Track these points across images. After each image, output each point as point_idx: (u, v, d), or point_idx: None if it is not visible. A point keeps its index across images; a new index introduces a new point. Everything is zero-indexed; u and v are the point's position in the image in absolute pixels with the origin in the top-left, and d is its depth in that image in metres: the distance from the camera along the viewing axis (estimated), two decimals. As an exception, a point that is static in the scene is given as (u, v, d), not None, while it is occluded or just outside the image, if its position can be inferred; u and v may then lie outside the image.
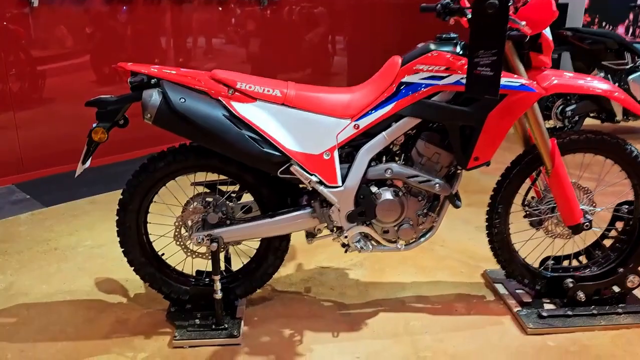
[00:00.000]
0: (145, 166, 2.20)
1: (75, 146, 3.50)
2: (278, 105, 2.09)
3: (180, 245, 2.30)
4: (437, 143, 2.17)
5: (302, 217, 2.20)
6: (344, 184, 2.14)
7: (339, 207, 2.16)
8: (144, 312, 2.45)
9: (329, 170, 2.12)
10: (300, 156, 2.09)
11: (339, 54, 6.66)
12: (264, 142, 2.05)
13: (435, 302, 2.54)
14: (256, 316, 2.42)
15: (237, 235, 2.21)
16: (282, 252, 2.35)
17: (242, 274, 2.39)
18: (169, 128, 2.04)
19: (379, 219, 2.18)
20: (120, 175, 4.04)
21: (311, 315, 2.43)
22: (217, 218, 2.20)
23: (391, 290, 2.64)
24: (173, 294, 2.35)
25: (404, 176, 2.15)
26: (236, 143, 2.02)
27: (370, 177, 2.16)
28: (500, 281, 2.65)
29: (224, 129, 2.01)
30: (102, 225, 3.33)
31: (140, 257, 2.30)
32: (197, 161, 2.19)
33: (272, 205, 2.25)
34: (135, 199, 2.22)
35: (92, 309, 2.48)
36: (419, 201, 2.22)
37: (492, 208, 2.37)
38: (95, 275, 2.77)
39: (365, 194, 2.16)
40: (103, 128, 2.07)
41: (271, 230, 2.21)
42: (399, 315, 2.43)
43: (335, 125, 2.12)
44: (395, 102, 2.11)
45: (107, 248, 3.05)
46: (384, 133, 2.13)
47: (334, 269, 2.83)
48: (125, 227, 2.25)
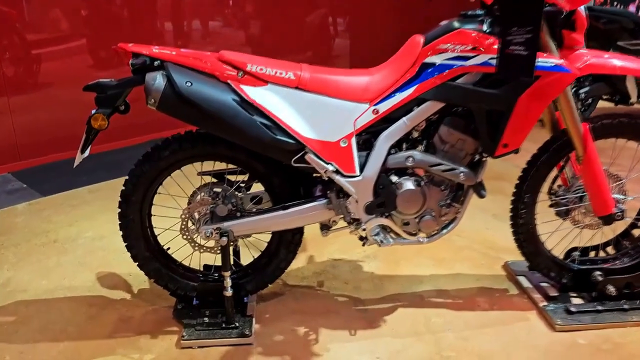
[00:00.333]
0: (148, 155, 2.06)
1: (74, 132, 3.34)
2: (291, 88, 1.94)
3: (187, 239, 2.16)
4: (462, 129, 2.02)
5: (317, 208, 2.06)
6: (362, 173, 2.00)
7: (356, 198, 2.02)
8: (149, 309, 2.32)
9: (346, 158, 1.97)
10: (315, 144, 1.94)
11: (340, 35, 6.46)
12: (277, 129, 1.90)
13: (456, 297, 2.41)
14: (268, 313, 2.29)
15: (248, 228, 2.07)
16: (295, 246, 2.21)
17: (253, 269, 2.25)
18: (174, 114, 1.89)
19: (400, 210, 2.04)
20: (121, 163, 3.88)
21: (326, 311, 2.30)
22: (227, 210, 2.06)
23: (408, 283, 2.51)
24: (180, 291, 2.22)
25: (426, 164, 2.01)
26: (247, 130, 1.87)
27: (390, 166, 2.02)
28: (522, 273, 2.51)
29: (233, 114, 1.86)
30: (103, 215, 3.19)
31: (144, 251, 2.16)
32: (204, 149, 2.04)
33: (285, 196, 2.10)
34: (139, 190, 2.08)
35: (94, 306, 2.34)
36: (442, 191, 2.08)
37: (518, 197, 2.23)
38: (97, 270, 2.64)
39: (385, 183, 2.01)
40: (103, 114, 1.92)
41: (284, 223, 2.07)
42: (419, 311, 2.30)
43: (352, 110, 1.96)
44: (417, 85, 1.95)
45: (108, 240, 2.91)
46: (404, 118, 1.98)
47: (347, 262, 2.70)
48: (128, 220, 2.11)
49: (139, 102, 1.97)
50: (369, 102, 1.97)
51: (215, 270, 2.29)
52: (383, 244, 2.03)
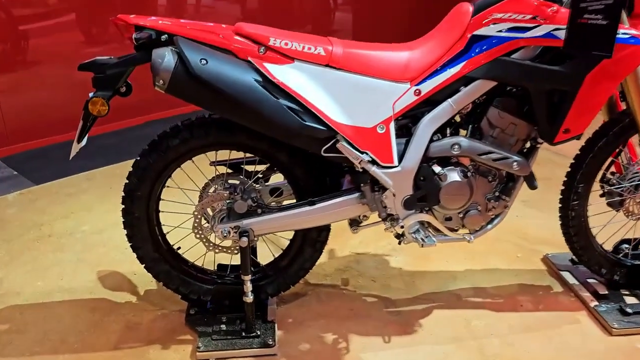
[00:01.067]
0: (156, 144, 1.80)
1: (67, 114, 3.07)
2: (322, 66, 1.68)
3: (201, 238, 1.92)
4: (515, 111, 1.77)
5: (349, 204, 1.82)
6: (400, 164, 1.75)
7: (394, 192, 1.78)
8: (158, 315, 2.09)
9: (383, 146, 1.73)
10: (348, 130, 1.69)
11: (341, 8, 6.12)
12: (306, 114, 1.64)
13: (495, 296, 2.19)
14: (290, 317, 2.06)
15: (271, 226, 1.83)
16: (321, 244, 1.97)
17: (274, 270, 2.02)
18: (186, 97, 1.63)
19: (443, 205, 1.80)
20: (119, 146, 3.62)
21: (354, 314, 2.08)
22: (246, 206, 1.81)
23: (442, 281, 2.28)
24: (192, 295, 1.98)
25: (474, 153, 1.76)
26: (272, 115, 1.62)
27: (432, 155, 1.77)
28: (566, 268, 2.30)
29: (256, 98, 1.60)
30: (102, 205, 2.94)
31: (152, 252, 1.92)
32: (219, 138, 1.79)
33: (310, 189, 1.86)
34: (145, 184, 1.83)
35: (97, 311, 2.11)
36: (489, 182, 1.84)
37: (570, 187, 1.99)
38: (98, 268, 2.39)
39: (427, 175, 1.77)
40: (102, 98, 1.65)
41: (312, 220, 1.83)
42: (457, 313, 2.08)
43: (391, 91, 1.71)
44: (465, 61, 1.70)
45: (108, 233, 2.66)
46: (450, 100, 1.73)
47: (371, 256, 2.47)
48: (134, 217, 1.86)
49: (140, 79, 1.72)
50: (409, 81, 1.72)
51: (231, 270, 2.05)
52: (425, 244, 1.80)
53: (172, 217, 1.98)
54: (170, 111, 4.09)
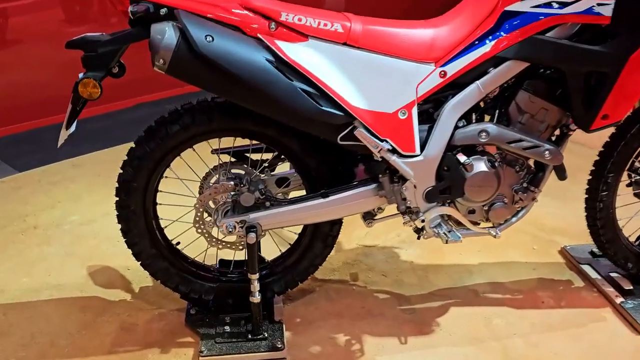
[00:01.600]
0: (153, 131, 1.63)
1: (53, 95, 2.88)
2: (339, 45, 1.51)
3: (202, 232, 1.76)
4: (546, 95, 1.63)
5: (365, 196, 1.67)
6: (423, 152, 1.60)
7: (415, 183, 1.63)
8: (155, 314, 1.93)
9: (405, 133, 1.58)
10: (368, 116, 1.53)
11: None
12: (322, 97, 1.48)
13: (515, 291, 2.07)
14: (298, 317, 1.92)
15: (280, 221, 1.68)
16: (333, 239, 1.83)
17: (281, 267, 1.87)
18: (189, 78, 1.47)
19: (468, 197, 1.66)
20: (109, 131, 3.42)
21: (367, 313, 1.94)
22: (253, 199, 1.66)
23: (457, 275, 2.15)
24: (193, 294, 1.83)
25: (504, 141, 1.62)
26: (284, 99, 1.46)
27: (457, 143, 1.63)
28: (586, 261, 2.18)
29: (267, 79, 1.44)
30: (91, 194, 2.76)
31: (150, 248, 1.76)
32: (223, 123, 1.63)
33: (322, 179, 1.70)
34: (141, 174, 1.66)
35: (88, 311, 1.95)
36: (517, 172, 1.71)
37: (599, 177, 1.86)
38: (88, 262, 2.23)
39: (451, 165, 1.63)
40: (94, 80, 1.48)
41: (325, 214, 1.68)
42: (476, 310, 1.96)
43: (415, 73, 1.55)
44: (495, 40, 1.55)
45: (98, 224, 2.49)
46: (478, 83, 1.58)
47: (380, 248, 2.33)
48: (129, 211, 1.70)
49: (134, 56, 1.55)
50: (434, 62, 1.56)
51: (235, 266, 1.90)
52: (450, 240, 1.65)
53: (170, 209, 1.82)
54: (162, 93, 3.90)
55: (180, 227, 1.84)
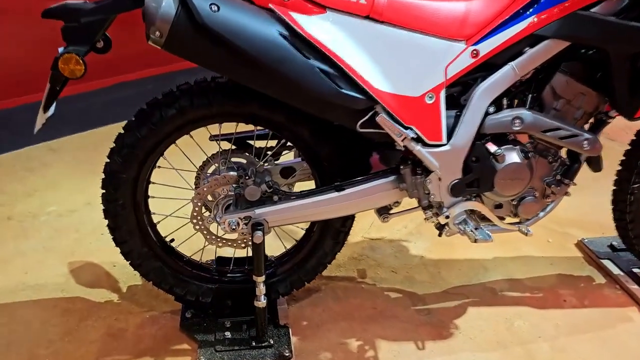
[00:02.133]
0: (145, 115, 1.43)
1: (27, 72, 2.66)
2: (361, 18, 1.33)
3: (200, 229, 1.58)
4: (585, 79, 1.47)
5: (384, 189, 1.51)
6: (449, 141, 1.44)
7: (440, 175, 1.47)
8: (146, 318, 1.75)
9: (431, 120, 1.41)
10: (391, 100, 1.36)
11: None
12: (342, 78, 1.30)
13: (534, 289, 1.93)
14: (305, 319, 1.76)
15: (290, 217, 1.50)
16: (344, 235, 1.67)
17: (287, 265, 1.69)
18: (189, 54, 1.27)
19: (497, 191, 1.50)
20: (88, 112, 3.18)
21: (379, 315, 1.79)
22: (260, 192, 1.47)
23: (471, 271, 2.01)
24: (189, 296, 1.65)
25: (539, 129, 1.46)
26: (299, 80, 1.27)
27: (487, 131, 1.46)
28: (606, 256, 2.05)
29: (281, 56, 1.25)
30: (70, 181, 2.54)
31: (141, 246, 1.58)
32: (225, 107, 1.44)
33: (336, 170, 1.53)
34: (132, 164, 1.47)
35: (71, 314, 1.76)
36: (549, 164, 1.55)
37: (631, 168, 1.73)
38: (69, 258, 2.03)
39: (481, 155, 1.46)
40: (76, 55, 1.27)
41: (339, 209, 1.51)
42: (495, 311, 1.82)
43: (444, 52, 1.38)
44: (533, 16, 1.38)
45: (80, 215, 2.28)
46: (513, 64, 1.41)
47: (387, 242, 2.17)
48: (117, 205, 1.50)
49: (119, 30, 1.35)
50: (465, 39, 1.39)
51: (235, 264, 1.72)
52: (479, 239, 1.49)
53: (163, 203, 1.63)
54: (144, 71, 3.66)
55: (174, 222, 1.66)
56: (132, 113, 1.44)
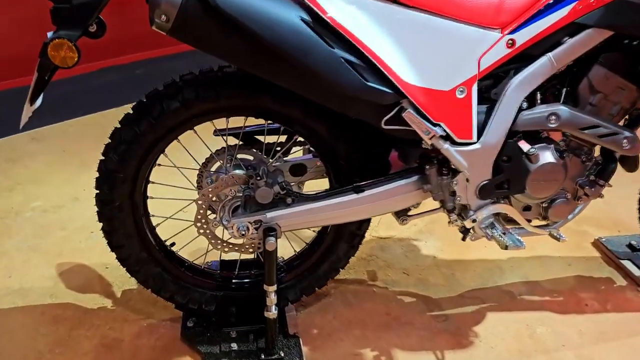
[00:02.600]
0: (145, 108, 1.29)
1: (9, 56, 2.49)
2: (388, 3, 1.19)
3: (205, 233, 1.44)
4: (624, 72, 1.36)
5: (407, 190, 1.39)
6: (480, 139, 1.32)
7: (468, 176, 1.35)
8: (144, 326, 1.62)
9: (461, 116, 1.28)
10: (420, 94, 1.23)
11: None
12: (368, 70, 1.17)
13: (553, 292, 1.83)
14: (315, 327, 1.64)
15: (305, 221, 1.37)
16: (360, 239, 1.55)
17: (297, 270, 1.57)
18: (199, 41, 1.13)
19: (529, 193, 1.39)
20: (72, 99, 3.00)
21: (393, 321, 1.68)
22: (272, 194, 1.34)
23: (486, 273, 1.91)
24: (192, 304, 1.53)
25: (576, 126, 1.35)
26: (322, 71, 1.14)
27: (520, 128, 1.34)
28: (625, 256, 1.96)
29: (302, 45, 1.11)
30: (56, 174, 2.38)
31: (139, 251, 1.44)
32: (234, 100, 1.30)
33: (353, 168, 1.40)
34: (130, 162, 1.33)
35: (61, 323, 1.62)
36: (583, 163, 1.44)
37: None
38: (57, 260, 1.88)
39: (514, 154, 1.35)
40: (68, 40, 1.12)
41: (359, 212, 1.38)
42: (515, 317, 1.72)
43: (478, 41, 1.25)
44: (574, 3, 1.26)
45: (68, 211, 2.13)
46: (550, 55, 1.29)
47: (397, 241, 2.06)
48: (113, 207, 1.36)
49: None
50: (500, 28, 1.26)
51: (242, 267, 1.60)
52: (510, 246, 1.38)
53: (163, 204, 1.50)
54: (132, 56, 3.48)
55: (175, 224, 1.52)
56: (120, 99, 1.32)
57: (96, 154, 1.37)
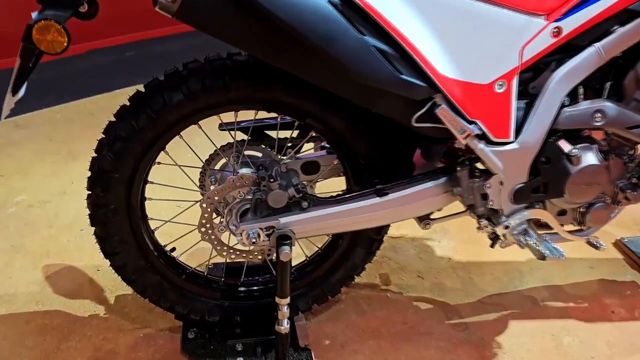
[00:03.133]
0: (144, 100, 1.14)
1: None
2: (423, -16, 1.05)
3: (210, 239, 1.30)
4: (675, 66, 1.23)
5: (434, 193, 1.26)
6: (517, 138, 1.19)
7: (502, 179, 1.22)
8: (139, 337, 1.48)
9: (500, 113, 1.15)
10: (456, 88, 1.09)
11: None
12: (402, 61, 1.03)
13: (577, 298, 1.72)
14: (326, 338, 1.52)
15: (322, 228, 1.24)
16: (378, 244, 1.42)
17: (309, 278, 1.44)
18: (208, 24, 0.99)
19: (568, 197, 1.27)
20: (58, 83, 2.83)
21: (410, 331, 1.56)
22: (286, 197, 1.20)
23: (505, 276, 1.79)
24: (194, 315, 1.39)
25: (623, 125, 1.22)
26: (351, 61, 1.00)
27: (560, 126, 1.22)
28: (650, 258, 1.86)
29: (329, 30, 0.97)
30: (42, 165, 2.22)
31: (136, 259, 1.30)
32: (245, 92, 1.15)
33: (373, 168, 1.27)
34: (126, 161, 1.18)
35: (49, 333, 1.48)
36: (624, 165, 1.32)
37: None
38: (44, 261, 1.74)
39: (554, 155, 1.22)
40: (57, 22, 0.96)
41: (382, 217, 1.25)
42: (539, 325, 1.61)
43: (521, 29, 1.12)
44: (628, -12, 1.13)
45: (55, 206, 1.98)
46: (598, 45, 1.16)
47: (409, 240, 1.94)
48: (108, 211, 1.22)
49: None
50: (545, 15, 1.13)
51: (249, 273, 1.46)
52: (548, 255, 1.26)
53: (161, 206, 1.35)
54: (124, 37, 3.30)
55: (174, 228, 1.38)
56: (110, 84, 1.17)
57: (86, 143, 1.24)
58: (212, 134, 1.34)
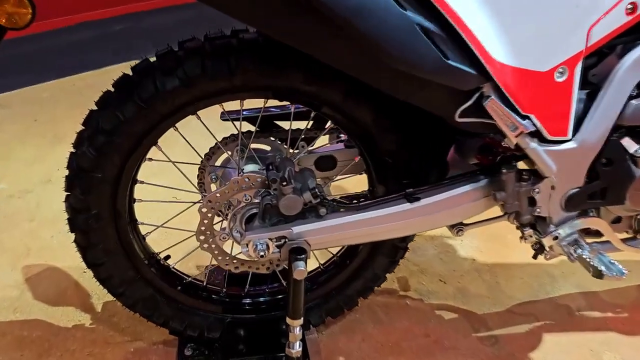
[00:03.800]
0: (131, 86, 0.94)
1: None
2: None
3: (210, 249, 1.12)
4: None
5: (473, 197, 1.07)
6: (575, 135, 1.00)
7: (554, 183, 1.04)
8: (129, 352, 1.31)
9: (558, 106, 0.97)
10: (510, 76, 0.90)
11: None
12: (450, 44, 0.84)
13: (614, 307, 1.56)
14: (340, 353, 1.35)
15: (342, 238, 1.06)
16: (402, 252, 1.24)
17: (323, 289, 1.27)
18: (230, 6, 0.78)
19: (629, 204, 1.09)
20: (43, 59, 2.62)
21: (434, 345, 1.39)
22: (302, 203, 1.02)
23: (535, 281, 1.63)
24: (191, 330, 1.22)
25: (698, 121, 1.03)
26: (390, 43, 0.80)
27: (625, 123, 1.03)
28: (689, 262, 1.69)
29: (364, 3, 0.77)
30: (25, 149, 2.03)
31: (125, 270, 1.12)
32: (254, 77, 0.96)
33: (403, 168, 1.09)
34: (111, 158, 0.98)
35: (28, 347, 1.31)
36: (689, 166, 1.14)
37: None
38: (23, 260, 1.56)
39: (616, 156, 1.04)
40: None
41: (412, 225, 1.07)
42: (576, 338, 1.45)
43: (589, 6, 0.92)
44: None
45: (37, 197, 1.80)
46: (678, 27, 0.97)
47: (428, 240, 1.77)
48: (89, 216, 1.03)
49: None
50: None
51: (255, 281, 1.29)
52: (606, 273, 1.08)
53: (153, 208, 1.17)
54: (111, 10, 3.08)
55: (169, 232, 1.20)
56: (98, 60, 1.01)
57: (72, 124, 1.05)
58: (212, 125, 1.15)
